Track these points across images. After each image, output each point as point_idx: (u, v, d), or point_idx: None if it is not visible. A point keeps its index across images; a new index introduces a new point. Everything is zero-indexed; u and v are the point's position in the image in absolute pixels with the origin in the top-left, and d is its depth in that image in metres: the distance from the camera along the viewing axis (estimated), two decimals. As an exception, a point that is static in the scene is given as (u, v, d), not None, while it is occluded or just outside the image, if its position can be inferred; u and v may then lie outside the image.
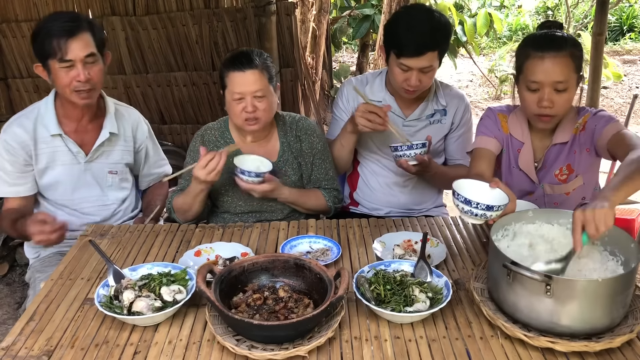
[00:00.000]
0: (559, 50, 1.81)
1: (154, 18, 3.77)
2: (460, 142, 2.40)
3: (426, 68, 2.09)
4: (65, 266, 1.78)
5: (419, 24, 2.06)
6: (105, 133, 2.19)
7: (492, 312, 1.44)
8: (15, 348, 1.39)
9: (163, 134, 4.11)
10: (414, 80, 2.11)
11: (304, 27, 5.49)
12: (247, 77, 1.99)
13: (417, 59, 2.06)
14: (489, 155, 2.04)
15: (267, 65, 2.04)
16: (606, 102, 7.26)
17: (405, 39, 2.05)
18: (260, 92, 2.00)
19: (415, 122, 2.33)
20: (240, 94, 1.99)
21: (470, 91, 8.12)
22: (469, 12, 7.23)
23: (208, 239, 1.95)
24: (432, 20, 2.08)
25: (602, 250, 1.48)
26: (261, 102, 2.01)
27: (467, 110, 2.39)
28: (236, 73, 1.99)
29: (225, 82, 2.04)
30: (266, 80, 2.02)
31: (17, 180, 2.13)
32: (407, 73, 2.11)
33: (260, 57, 2.03)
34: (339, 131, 2.35)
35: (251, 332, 1.35)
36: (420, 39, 2.04)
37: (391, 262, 1.65)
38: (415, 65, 2.07)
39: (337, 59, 8.86)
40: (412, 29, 2.05)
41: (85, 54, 1.99)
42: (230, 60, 2.03)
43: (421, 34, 2.04)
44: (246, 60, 2.00)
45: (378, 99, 2.33)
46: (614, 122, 1.90)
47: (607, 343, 1.32)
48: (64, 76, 2.00)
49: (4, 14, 3.88)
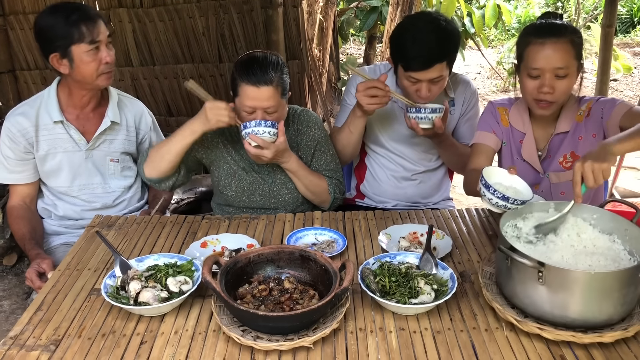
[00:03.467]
0: (559, 37, 1.82)
1: (161, 10, 3.78)
2: (469, 126, 2.38)
3: (436, 79, 2.05)
4: (73, 257, 1.80)
5: (425, 37, 1.98)
6: (107, 121, 2.21)
7: (491, 295, 1.45)
8: (24, 337, 1.41)
9: (170, 126, 4.11)
10: (424, 92, 2.06)
11: (311, 19, 5.47)
12: (262, 93, 1.93)
13: (425, 72, 2.01)
14: (488, 150, 2.07)
15: (282, 80, 1.97)
16: (616, 95, 7.20)
17: (411, 52, 1.99)
18: (272, 109, 1.96)
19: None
20: (251, 108, 1.96)
21: (478, 83, 8.07)
22: (477, 3, 7.18)
23: (214, 230, 1.95)
24: (439, 30, 2.01)
25: (622, 250, 1.47)
26: (272, 116, 1.98)
27: (473, 95, 2.37)
28: (250, 87, 1.93)
29: (237, 90, 1.98)
30: (279, 95, 1.97)
31: (16, 168, 2.18)
32: (417, 84, 2.07)
33: (276, 70, 1.95)
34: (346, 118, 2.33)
35: (256, 322, 1.35)
36: (427, 52, 1.98)
37: (396, 254, 1.65)
38: (424, 77, 2.03)
39: (344, 51, 8.84)
40: (418, 42, 1.98)
41: (108, 34, 2.08)
42: (244, 69, 1.95)
43: (428, 47, 1.97)
44: (261, 74, 1.91)
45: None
46: (621, 102, 1.91)
47: (597, 337, 1.31)
48: (91, 60, 2.04)
49: (11, 6, 3.89)
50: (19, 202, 2.22)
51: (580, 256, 1.42)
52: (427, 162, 2.41)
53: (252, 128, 1.91)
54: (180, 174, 2.14)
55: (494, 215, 2.04)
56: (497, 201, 1.62)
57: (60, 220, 2.29)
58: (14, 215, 2.20)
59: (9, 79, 4.06)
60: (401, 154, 2.39)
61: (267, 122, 1.91)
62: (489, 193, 1.63)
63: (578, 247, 1.47)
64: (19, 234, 2.15)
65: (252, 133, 1.91)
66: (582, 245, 1.47)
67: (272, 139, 1.93)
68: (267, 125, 1.91)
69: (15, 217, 2.19)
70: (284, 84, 1.99)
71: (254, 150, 1.95)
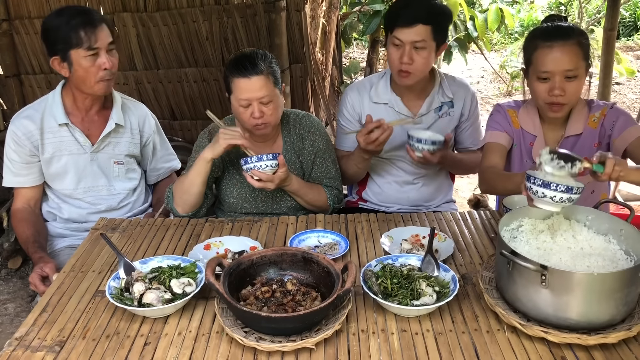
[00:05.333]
0: (566, 39, 1.84)
1: (165, 14, 3.79)
2: (471, 132, 2.42)
3: (418, 43, 2.10)
4: (77, 259, 1.81)
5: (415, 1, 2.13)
6: (112, 124, 2.23)
7: (493, 300, 1.45)
8: (29, 339, 1.42)
9: (173, 130, 4.13)
10: (407, 57, 2.12)
11: (314, 23, 5.48)
12: (253, 83, 1.96)
13: (409, 30, 2.09)
14: (501, 149, 2.08)
15: (272, 70, 2.01)
16: (619, 98, 7.18)
17: (401, 11, 2.13)
18: (266, 98, 1.98)
19: (424, 118, 2.34)
20: (247, 100, 1.98)
21: (481, 87, 8.07)
22: (480, 7, 7.18)
23: (218, 232, 1.97)
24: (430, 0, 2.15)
25: (618, 250, 1.48)
26: (268, 106, 2.00)
27: (473, 99, 2.40)
28: (241, 79, 1.97)
29: (230, 87, 2.01)
30: (272, 84, 2.00)
31: (21, 171, 2.20)
32: (400, 50, 2.13)
33: (265, 60, 2.00)
34: (346, 142, 2.38)
35: (259, 324, 1.36)
36: (414, 10, 2.10)
37: (398, 256, 1.66)
38: (407, 38, 2.10)
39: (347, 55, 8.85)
40: (408, 3, 2.13)
41: (109, 41, 2.07)
42: (234, 65, 2.00)
43: (416, 6, 2.11)
44: (251, 66, 1.96)
45: (384, 101, 2.34)
46: (634, 125, 1.92)
47: (601, 338, 1.32)
48: (89, 65, 2.05)
49: (17, 10, 3.91)
50: (24, 205, 2.23)
51: (577, 258, 1.43)
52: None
53: (253, 164, 1.93)
54: (209, 197, 2.19)
55: (495, 217, 2.04)
56: (561, 195, 1.43)
57: (65, 223, 2.31)
58: (18, 218, 2.21)
59: (15, 83, 4.08)
60: (402, 159, 2.40)
61: (268, 155, 1.93)
62: (550, 190, 1.43)
63: (575, 248, 1.47)
64: (23, 237, 2.17)
65: (254, 168, 1.94)
66: (579, 246, 1.48)
67: (273, 170, 1.96)
68: (269, 158, 1.93)
69: (20, 220, 2.20)
70: (274, 74, 2.02)
71: (258, 184, 1.97)
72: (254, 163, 1.93)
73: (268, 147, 2.18)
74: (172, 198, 2.12)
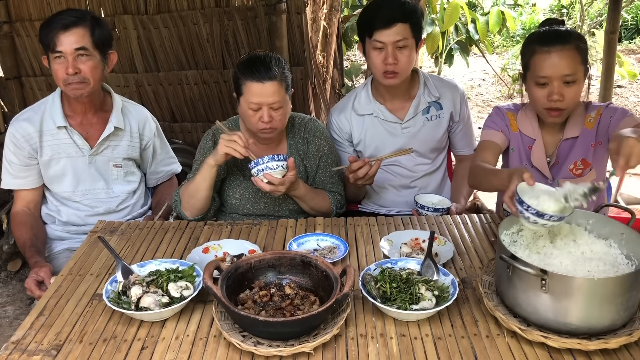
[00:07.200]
0: (564, 44, 1.82)
1: (166, 17, 3.79)
2: (463, 134, 2.44)
3: (400, 42, 2.12)
4: (75, 262, 1.81)
5: (387, 2, 2.15)
6: (111, 127, 2.22)
7: (493, 305, 1.44)
8: (25, 342, 1.41)
9: (174, 132, 4.13)
10: (391, 58, 2.13)
11: (315, 26, 5.48)
12: (266, 88, 1.96)
13: (389, 30, 2.11)
14: (494, 147, 2.08)
15: (285, 75, 2.01)
16: (621, 101, 7.17)
17: (376, 14, 2.14)
18: (277, 104, 1.98)
19: (412, 122, 2.33)
20: (257, 105, 1.97)
21: (482, 90, 8.06)
22: (481, 10, 7.19)
23: (216, 236, 1.96)
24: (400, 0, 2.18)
25: (619, 254, 1.47)
26: (278, 112, 2.00)
27: (463, 99, 2.40)
28: (254, 83, 1.96)
29: (241, 89, 2.00)
30: (284, 91, 2.00)
31: (20, 173, 2.20)
32: (383, 53, 2.14)
33: (278, 66, 1.99)
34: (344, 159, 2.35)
35: (257, 328, 1.35)
36: (389, 12, 2.12)
37: (398, 260, 1.65)
38: (388, 38, 2.11)
39: (348, 57, 8.85)
40: (382, 5, 2.15)
41: (75, 47, 2.04)
42: (247, 67, 1.98)
43: (389, 6, 2.13)
44: (265, 70, 1.95)
45: (368, 112, 2.34)
46: (630, 115, 1.92)
47: (602, 343, 1.30)
48: (57, 68, 2.07)
49: (17, 13, 3.92)
50: (23, 207, 2.23)
51: (578, 262, 1.42)
52: (423, 166, 2.42)
53: (265, 164, 1.91)
54: (216, 200, 2.19)
55: (495, 221, 2.03)
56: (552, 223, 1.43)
57: (64, 226, 2.30)
58: (16, 221, 2.21)
59: (15, 85, 4.08)
60: (397, 163, 2.40)
61: (279, 155, 1.91)
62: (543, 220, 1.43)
63: (576, 253, 1.46)
64: (20, 241, 2.16)
65: (265, 170, 1.91)
66: (580, 251, 1.47)
67: (283, 172, 1.94)
68: (280, 158, 1.91)
69: (18, 223, 2.20)
70: (287, 80, 2.02)
71: (268, 187, 1.95)
72: (266, 163, 1.91)
73: (272, 151, 2.16)
74: (180, 202, 2.11)
